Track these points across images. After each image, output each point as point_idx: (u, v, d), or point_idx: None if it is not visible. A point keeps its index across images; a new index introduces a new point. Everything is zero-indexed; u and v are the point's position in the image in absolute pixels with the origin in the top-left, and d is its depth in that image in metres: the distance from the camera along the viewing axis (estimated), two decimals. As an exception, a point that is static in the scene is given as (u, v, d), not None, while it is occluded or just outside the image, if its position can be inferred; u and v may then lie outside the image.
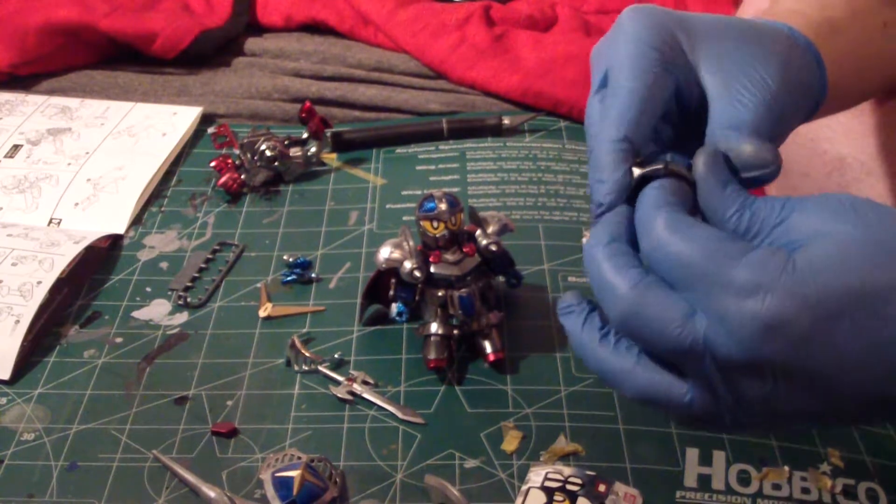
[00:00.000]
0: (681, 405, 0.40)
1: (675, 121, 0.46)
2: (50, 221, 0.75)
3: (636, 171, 0.42)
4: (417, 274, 0.60)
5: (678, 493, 0.54)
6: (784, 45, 0.45)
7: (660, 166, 0.41)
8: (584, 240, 0.71)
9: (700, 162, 0.41)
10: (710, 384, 0.39)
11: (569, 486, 0.52)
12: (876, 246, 0.36)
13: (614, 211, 0.42)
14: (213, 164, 0.79)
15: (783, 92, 0.43)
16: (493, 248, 0.61)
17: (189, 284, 0.70)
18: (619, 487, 0.52)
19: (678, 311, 0.38)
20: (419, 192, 0.78)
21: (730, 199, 0.40)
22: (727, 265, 0.36)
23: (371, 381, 0.61)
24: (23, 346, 0.63)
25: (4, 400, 0.61)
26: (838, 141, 0.67)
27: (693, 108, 0.45)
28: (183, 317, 0.67)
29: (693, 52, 0.44)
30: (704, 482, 0.54)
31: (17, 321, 0.64)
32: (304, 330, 0.65)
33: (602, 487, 0.52)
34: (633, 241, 0.41)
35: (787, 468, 0.55)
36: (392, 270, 0.61)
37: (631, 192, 0.42)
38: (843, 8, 0.52)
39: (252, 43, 0.99)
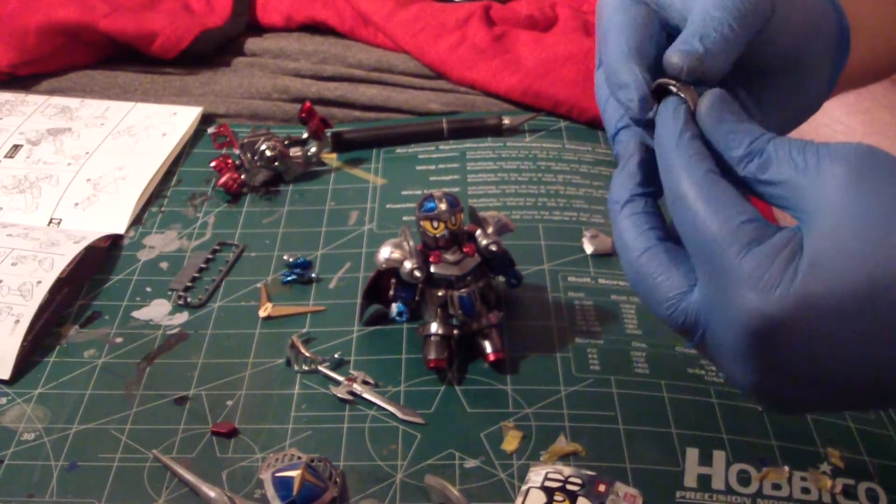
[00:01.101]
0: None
1: None
2: (50, 221, 0.75)
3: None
4: (417, 274, 0.60)
5: (678, 493, 0.54)
6: None
7: (672, 82, 0.40)
8: (585, 240, 0.71)
9: (703, 105, 0.39)
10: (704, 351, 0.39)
11: (569, 486, 0.52)
12: (886, 230, 0.34)
13: (631, 155, 0.42)
14: (213, 164, 0.79)
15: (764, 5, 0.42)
16: (493, 248, 0.61)
17: (189, 284, 0.70)
18: (619, 487, 0.52)
19: (673, 290, 0.38)
20: (419, 192, 0.78)
21: (734, 142, 0.38)
22: (737, 251, 0.36)
23: (371, 381, 0.61)
24: (23, 346, 0.63)
25: (4, 400, 0.61)
26: (838, 140, 0.67)
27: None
28: (183, 317, 0.67)
29: None
30: (704, 482, 0.54)
31: (17, 321, 0.64)
32: (304, 330, 0.65)
33: (602, 487, 0.52)
34: (652, 183, 0.41)
35: (787, 468, 0.55)
36: (392, 270, 0.61)
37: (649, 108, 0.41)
38: None
39: (252, 43, 0.99)
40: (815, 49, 0.45)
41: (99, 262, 0.72)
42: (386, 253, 0.61)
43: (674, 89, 0.40)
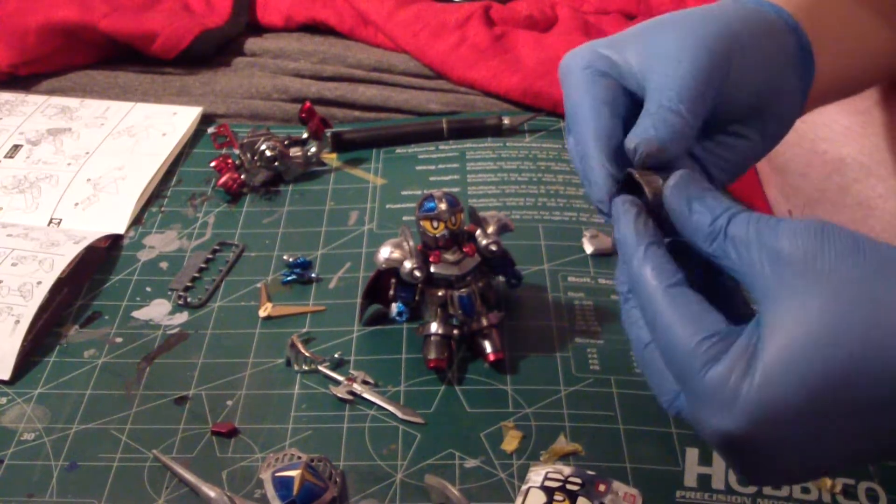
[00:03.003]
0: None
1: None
2: (50, 221, 0.75)
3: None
4: (417, 274, 0.60)
5: (678, 493, 0.54)
6: (726, 15, 0.45)
7: (635, 172, 0.42)
8: (585, 240, 0.71)
9: (667, 190, 0.41)
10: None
11: (569, 486, 0.52)
12: (838, 324, 0.34)
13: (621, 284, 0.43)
14: (213, 164, 0.79)
15: (708, 64, 0.43)
16: (493, 248, 0.61)
17: (189, 284, 0.70)
18: (619, 487, 0.52)
19: (669, 385, 0.39)
20: (419, 192, 0.78)
21: (698, 223, 0.39)
22: (699, 369, 0.37)
23: (371, 380, 0.61)
24: (23, 346, 0.63)
25: (4, 400, 0.61)
26: (838, 141, 0.67)
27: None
28: (183, 317, 0.67)
29: (622, 58, 0.45)
30: (704, 482, 0.54)
31: (17, 321, 0.64)
32: (304, 330, 0.65)
33: (602, 487, 0.52)
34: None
35: (786, 468, 0.55)
36: (392, 270, 0.61)
37: (619, 191, 0.43)
38: None
39: (252, 43, 0.99)
40: (777, 78, 0.46)
41: (99, 262, 0.72)
42: (386, 253, 0.61)
43: (636, 177, 0.42)
